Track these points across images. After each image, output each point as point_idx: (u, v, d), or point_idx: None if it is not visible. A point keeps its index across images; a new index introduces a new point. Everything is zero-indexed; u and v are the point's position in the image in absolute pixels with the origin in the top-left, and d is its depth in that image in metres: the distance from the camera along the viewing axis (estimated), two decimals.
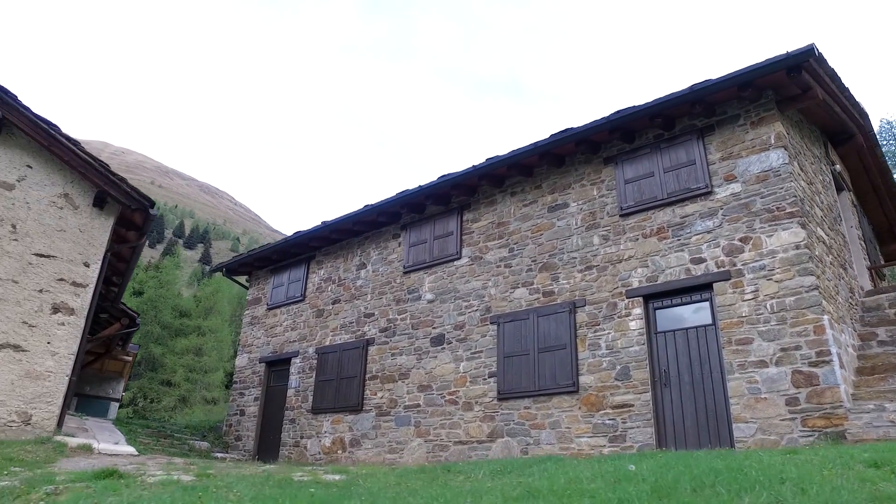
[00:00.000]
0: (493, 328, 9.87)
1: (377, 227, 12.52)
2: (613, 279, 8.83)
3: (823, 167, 9.74)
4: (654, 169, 9.00)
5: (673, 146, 8.95)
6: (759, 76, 7.89)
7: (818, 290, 7.12)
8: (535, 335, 9.27)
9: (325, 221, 12.88)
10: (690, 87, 8.36)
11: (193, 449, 12.43)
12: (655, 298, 8.42)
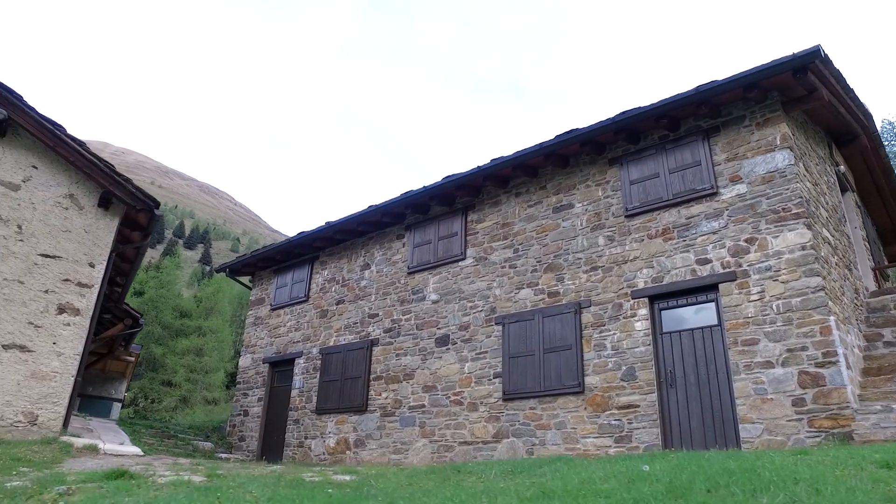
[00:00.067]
0: (498, 329, 9.88)
1: (381, 227, 12.53)
2: (619, 280, 8.84)
3: (828, 168, 9.75)
4: (659, 170, 9.01)
5: (678, 147, 8.97)
6: (764, 77, 7.90)
7: (824, 290, 7.13)
8: (540, 336, 9.28)
9: (328, 222, 12.90)
10: (696, 88, 8.38)
11: (197, 449, 12.45)
12: (661, 299, 8.43)
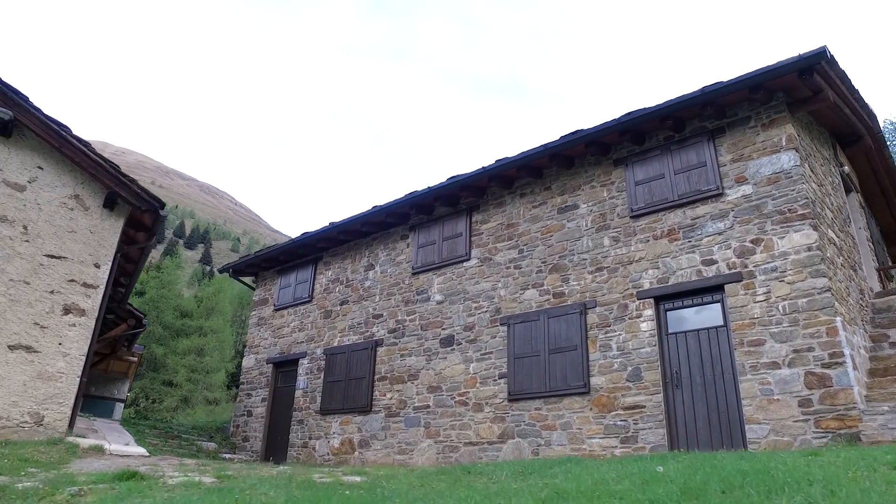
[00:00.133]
0: (503, 329, 9.89)
1: (385, 227, 12.54)
2: (624, 280, 8.85)
3: (832, 169, 9.76)
4: (664, 171, 9.02)
5: (683, 148, 8.98)
6: (770, 78, 7.91)
7: (830, 291, 7.14)
8: (545, 336, 9.29)
9: (332, 222, 12.90)
10: (701, 89, 8.39)
11: (201, 450, 12.46)
12: (666, 300, 8.44)
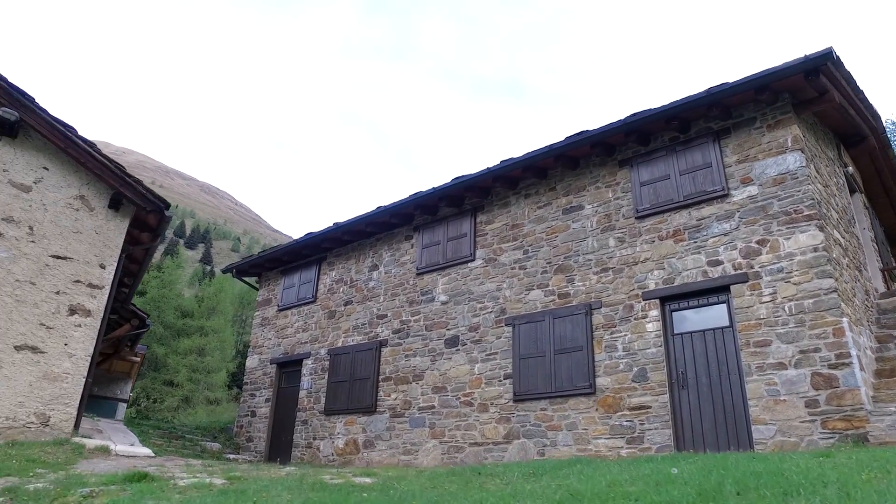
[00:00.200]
0: (508, 330, 9.90)
1: (389, 228, 12.55)
2: (629, 281, 8.86)
3: (837, 169, 9.77)
4: (669, 171, 9.03)
5: (688, 149, 8.99)
6: (776, 79, 7.92)
7: (837, 292, 7.15)
8: (550, 337, 9.30)
9: (336, 223, 12.91)
10: (707, 90, 8.40)
11: (205, 450, 12.46)
12: (672, 300, 8.45)
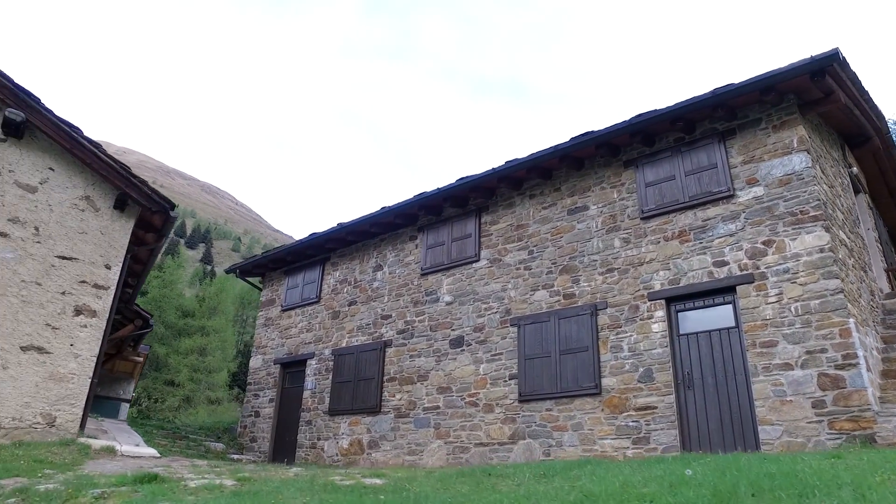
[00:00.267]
0: (513, 330, 9.91)
1: (394, 228, 12.56)
2: (635, 282, 8.86)
3: (842, 170, 9.78)
4: (674, 172, 9.04)
5: (694, 150, 8.99)
6: (782, 80, 7.93)
7: (843, 293, 7.16)
8: (556, 337, 9.31)
9: (340, 223, 12.92)
10: (712, 90, 8.41)
11: (209, 450, 12.48)
12: (678, 301, 8.45)
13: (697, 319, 8.28)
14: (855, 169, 10.47)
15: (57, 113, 9.21)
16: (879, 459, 4.19)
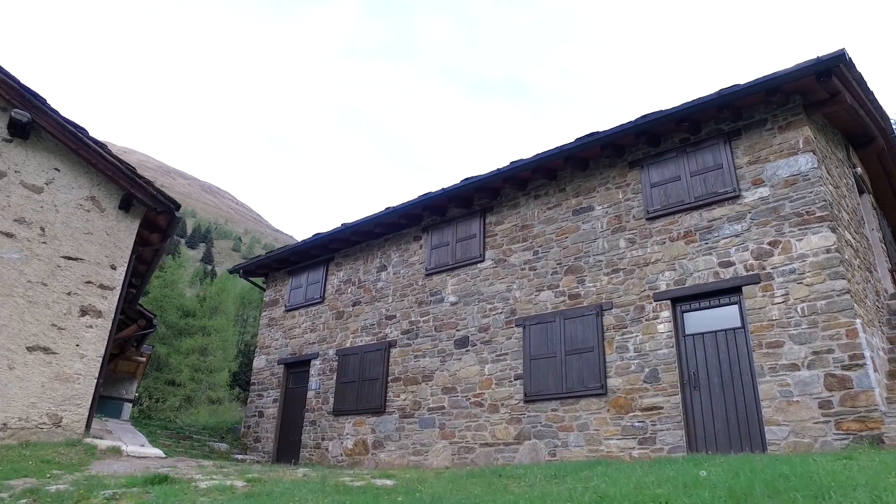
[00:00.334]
0: (518, 330, 9.91)
1: (398, 229, 12.56)
2: (640, 282, 8.87)
3: (846, 170, 9.79)
4: (680, 173, 9.05)
5: (699, 150, 9.00)
6: (788, 81, 7.94)
7: (850, 293, 7.17)
8: (561, 338, 9.31)
9: (344, 223, 12.93)
10: (718, 91, 8.41)
11: (213, 451, 12.49)
12: (683, 301, 8.46)
13: (703, 320, 8.29)
14: (859, 169, 10.47)
15: (62, 113, 9.22)
16: (892, 460, 4.19)
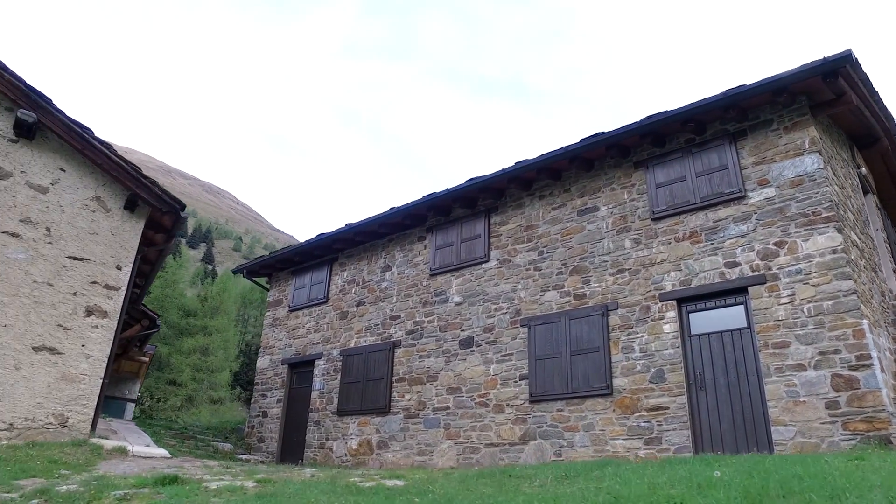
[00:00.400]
0: (523, 331, 9.92)
1: (402, 229, 12.57)
2: (646, 283, 8.87)
3: (851, 171, 9.79)
4: (685, 173, 9.05)
5: (704, 151, 9.00)
6: (794, 81, 7.94)
7: (856, 294, 7.17)
8: (566, 338, 9.32)
9: (349, 223, 12.93)
10: (723, 92, 8.42)
11: (218, 451, 12.49)
12: (689, 302, 8.46)
13: (709, 320, 8.29)
14: (863, 169, 10.47)
15: (67, 114, 9.23)
16: None
